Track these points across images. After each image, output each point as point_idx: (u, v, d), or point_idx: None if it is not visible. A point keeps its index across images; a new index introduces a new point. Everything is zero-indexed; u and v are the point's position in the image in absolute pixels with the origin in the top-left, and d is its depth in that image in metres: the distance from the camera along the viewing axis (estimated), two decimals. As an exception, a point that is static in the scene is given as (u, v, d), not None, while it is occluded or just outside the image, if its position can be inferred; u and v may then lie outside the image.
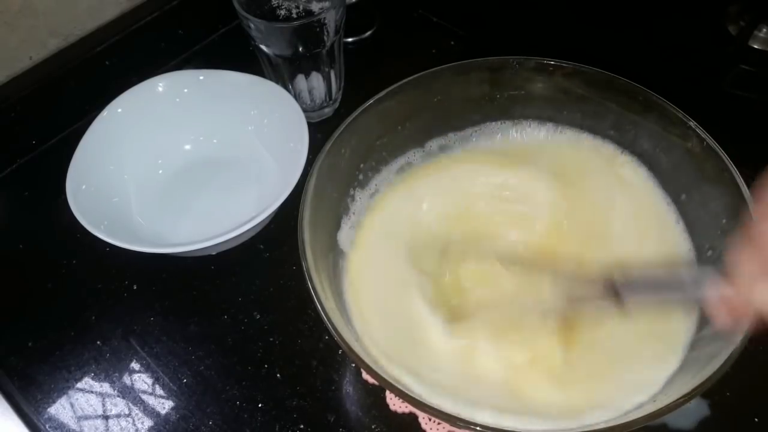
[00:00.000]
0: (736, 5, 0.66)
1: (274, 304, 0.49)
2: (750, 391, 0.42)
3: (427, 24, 0.68)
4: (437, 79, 0.46)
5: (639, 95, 0.43)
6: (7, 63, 0.64)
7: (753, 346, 0.32)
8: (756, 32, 0.64)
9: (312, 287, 0.35)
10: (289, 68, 0.54)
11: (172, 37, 0.68)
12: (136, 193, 0.53)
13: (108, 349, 0.47)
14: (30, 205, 0.56)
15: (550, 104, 0.47)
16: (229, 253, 0.49)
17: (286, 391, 0.44)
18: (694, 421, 0.41)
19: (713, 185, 0.40)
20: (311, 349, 0.46)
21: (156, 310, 0.49)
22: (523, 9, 0.70)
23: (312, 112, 0.59)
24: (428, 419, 0.42)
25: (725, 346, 0.33)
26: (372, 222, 0.46)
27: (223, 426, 0.43)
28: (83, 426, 0.44)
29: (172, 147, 0.55)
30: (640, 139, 0.45)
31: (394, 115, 0.46)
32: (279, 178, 0.50)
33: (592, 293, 0.36)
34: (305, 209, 0.38)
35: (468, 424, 0.31)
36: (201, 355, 0.46)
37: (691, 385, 0.32)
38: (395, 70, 0.46)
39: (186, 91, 0.55)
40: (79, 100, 0.61)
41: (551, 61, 0.45)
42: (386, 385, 0.33)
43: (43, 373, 0.46)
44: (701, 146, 0.40)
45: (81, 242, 0.47)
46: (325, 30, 0.52)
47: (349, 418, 0.43)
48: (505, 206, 0.46)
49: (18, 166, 0.59)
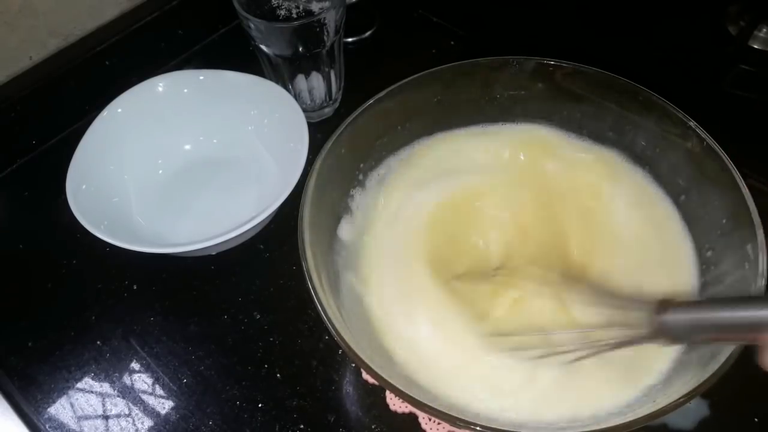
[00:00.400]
0: (736, 5, 0.66)
1: (274, 304, 0.49)
2: (750, 391, 0.42)
3: (427, 24, 0.68)
4: (437, 79, 0.46)
5: (639, 95, 0.43)
6: (7, 63, 0.64)
7: (753, 347, 0.32)
8: (756, 32, 0.64)
9: (312, 287, 0.35)
10: (289, 68, 0.54)
11: (172, 37, 0.68)
12: (136, 193, 0.53)
13: (108, 349, 0.47)
14: (30, 205, 0.56)
15: (550, 104, 0.47)
16: (229, 253, 0.49)
17: (286, 391, 0.44)
18: (694, 421, 0.41)
19: (713, 185, 0.40)
20: (311, 349, 0.46)
21: (156, 310, 0.49)
22: (523, 9, 0.70)
23: (312, 112, 0.59)
24: (428, 419, 0.42)
25: (725, 346, 0.33)
26: (372, 222, 0.46)
27: (223, 426, 0.43)
28: (83, 426, 0.44)
29: (172, 147, 0.55)
30: (640, 139, 0.45)
31: (394, 115, 0.46)
32: (279, 178, 0.50)
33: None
34: (305, 209, 0.38)
35: (468, 424, 0.31)
36: (201, 355, 0.46)
37: (691, 385, 0.32)
38: (395, 70, 0.46)
39: (186, 91, 0.55)
40: (79, 100, 0.61)
41: (551, 61, 0.45)
42: (386, 385, 0.33)
43: (43, 373, 0.46)
44: (701, 146, 0.40)
45: (81, 242, 0.47)
46: (325, 30, 0.52)
47: (349, 418, 0.43)
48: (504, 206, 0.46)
49: (18, 166, 0.59)
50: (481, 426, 0.31)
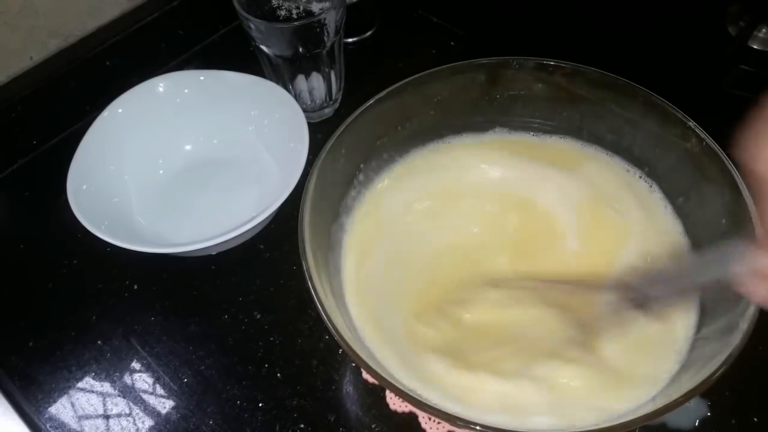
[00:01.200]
0: (736, 5, 0.66)
1: (275, 304, 0.49)
2: (750, 391, 0.42)
3: (427, 24, 0.68)
4: (437, 79, 0.45)
5: (639, 95, 0.43)
6: (7, 63, 0.64)
7: (753, 346, 0.32)
8: (756, 32, 0.64)
9: (312, 287, 0.36)
10: (289, 68, 0.54)
11: (172, 38, 0.68)
12: (136, 193, 0.53)
13: (109, 349, 0.47)
14: (30, 205, 0.56)
15: (550, 104, 0.47)
16: (230, 253, 0.49)
17: (287, 391, 0.44)
18: (694, 421, 0.41)
19: (713, 185, 0.40)
20: (311, 349, 0.46)
21: (156, 309, 0.49)
22: (523, 9, 0.70)
23: (312, 112, 0.59)
24: (428, 419, 0.42)
25: (725, 346, 0.33)
26: (372, 222, 0.46)
27: (223, 426, 0.43)
28: (84, 426, 0.44)
29: (173, 147, 0.55)
30: (640, 139, 0.45)
31: (394, 115, 0.46)
32: (279, 178, 0.50)
33: (611, 300, 0.35)
34: (305, 209, 0.38)
35: (468, 424, 0.31)
36: (201, 354, 0.46)
37: (691, 384, 0.32)
38: (395, 70, 0.46)
39: (186, 91, 0.55)
40: (80, 101, 0.61)
41: (551, 61, 0.45)
42: (386, 385, 0.33)
43: (44, 372, 0.46)
44: (701, 146, 0.40)
45: (81, 242, 0.47)
46: (325, 30, 0.52)
47: (349, 418, 0.43)
48: (503, 206, 0.47)
49: (18, 166, 0.59)
50: (481, 426, 0.31)
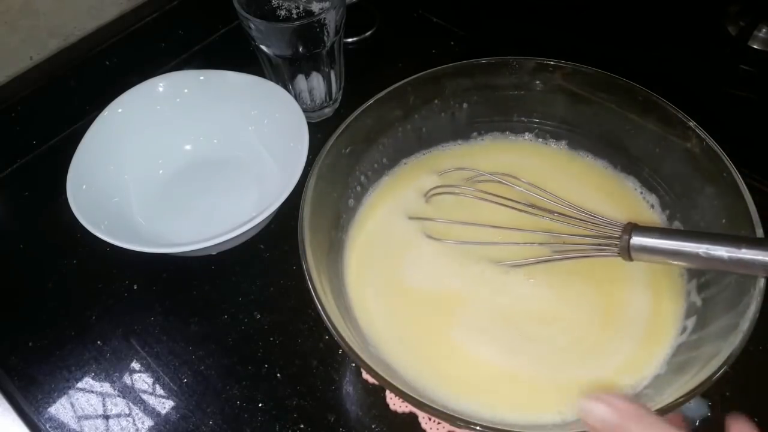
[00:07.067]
0: (736, 5, 0.66)
1: (274, 304, 0.49)
2: (750, 391, 0.42)
3: (427, 24, 0.68)
4: (437, 79, 0.46)
5: (639, 95, 0.43)
6: (7, 63, 0.64)
7: (753, 346, 0.32)
8: (756, 32, 0.64)
9: (312, 287, 0.36)
10: (289, 68, 0.54)
11: (172, 38, 0.68)
12: (136, 193, 0.53)
13: (108, 349, 0.47)
14: (30, 205, 0.56)
15: (550, 104, 0.47)
16: (229, 253, 0.49)
17: (286, 391, 0.44)
18: (694, 421, 0.41)
19: (713, 185, 0.40)
20: (311, 349, 0.46)
21: (156, 310, 0.49)
22: (523, 9, 0.70)
23: (312, 112, 0.59)
24: (428, 419, 0.42)
25: (725, 346, 0.33)
26: (372, 222, 0.46)
27: (223, 426, 0.43)
28: (83, 426, 0.44)
29: (173, 147, 0.55)
30: (640, 140, 0.45)
31: (394, 115, 0.46)
32: (279, 178, 0.50)
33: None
34: (305, 209, 0.38)
35: (468, 424, 0.31)
36: (201, 354, 0.46)
37: (691, 385, 0.32)
38: (395, 70, 0.46)
39: (186, 91, 0.55)
40: (80, 100, 0.61)
41: (551, 61, 0.45)
42: (386, 385, 0.33)
43: (44, 372, 0.46)
44: (701, 146, 0.40)
45: (81, 242, 0.47)
46: (325, 30, 0.52)
47: (349, 418, 0.43)
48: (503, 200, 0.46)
49: (18, 166, 0.59)
50: (481, 426, 0.31)
